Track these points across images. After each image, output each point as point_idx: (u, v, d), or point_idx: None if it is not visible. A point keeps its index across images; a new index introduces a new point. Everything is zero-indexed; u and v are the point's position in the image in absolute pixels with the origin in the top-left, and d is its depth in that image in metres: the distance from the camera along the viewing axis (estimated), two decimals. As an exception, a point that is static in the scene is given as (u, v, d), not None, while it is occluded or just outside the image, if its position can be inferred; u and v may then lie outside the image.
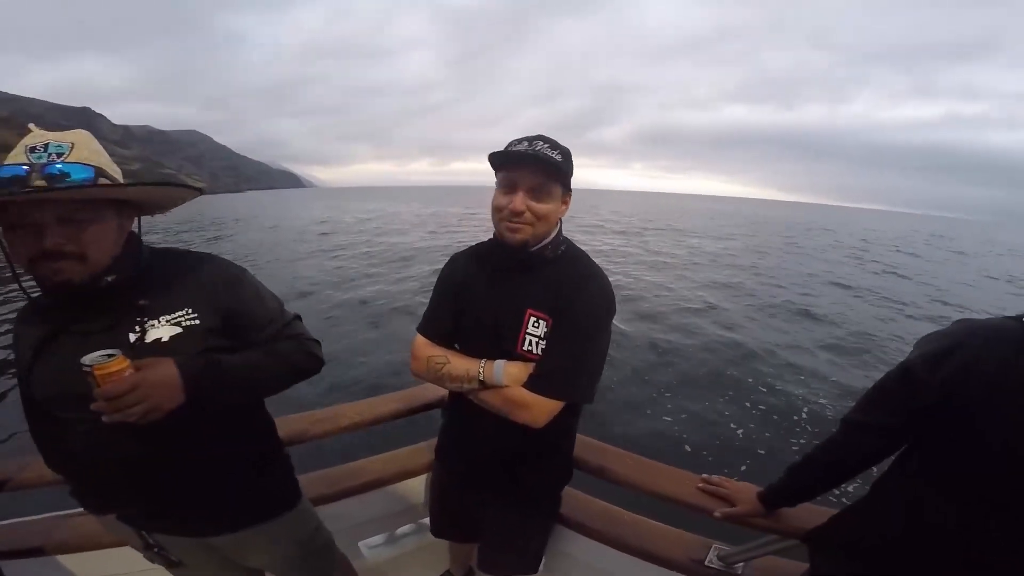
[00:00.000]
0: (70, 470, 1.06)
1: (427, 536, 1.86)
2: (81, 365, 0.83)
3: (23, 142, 0.85)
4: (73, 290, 0.90)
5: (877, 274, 15.82)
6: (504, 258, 1.16)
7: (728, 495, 1.30)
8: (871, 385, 1.01)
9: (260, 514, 1.18)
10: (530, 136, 1.10)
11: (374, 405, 1.76)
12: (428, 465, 1.84)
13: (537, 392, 1.08)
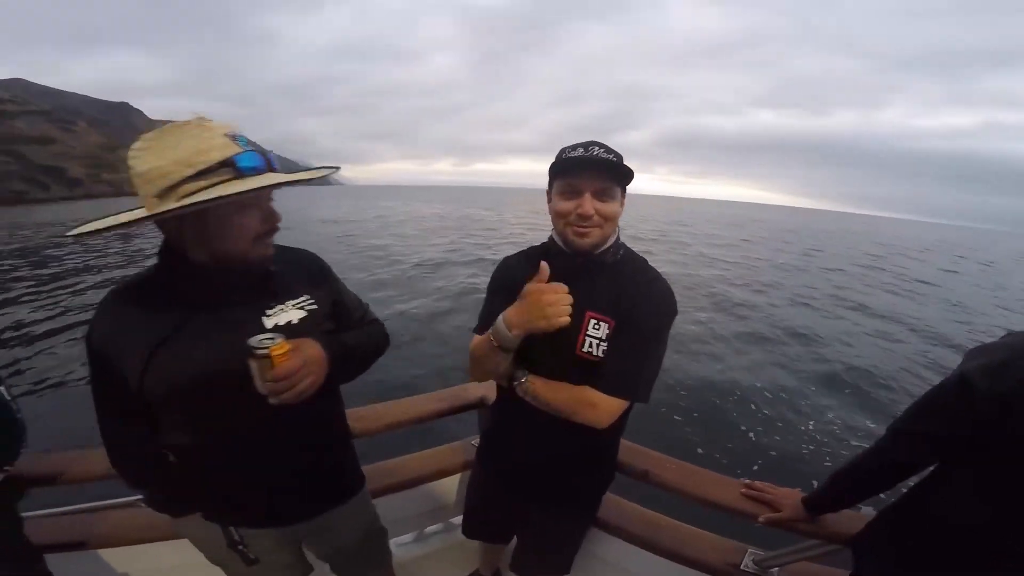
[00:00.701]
0: (165, 466, 1.05)
1: (456, 536, 1.91)
2: (252, 348, 0.87)
3: (224, 131, 0.87)
4: (251, 271, 0.98)
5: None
6: (565, 262, 1.16)
7: (772, 500, 1.32)
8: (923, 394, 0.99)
9: (338, 496, 1.23)
10: (584, 143, 1.12)
11: (417, 404, 1.79)
12: (462, 465, 1.88)
13: (606, 392, 1.09)
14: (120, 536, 1.54)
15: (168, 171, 0.81)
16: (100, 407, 1.00)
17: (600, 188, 1.09)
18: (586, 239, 1.12)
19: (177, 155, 0.82)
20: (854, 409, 6.10)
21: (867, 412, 6.09)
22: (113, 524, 1.57)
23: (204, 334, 0.94)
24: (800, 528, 1.26)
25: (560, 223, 1.16)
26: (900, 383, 7.39)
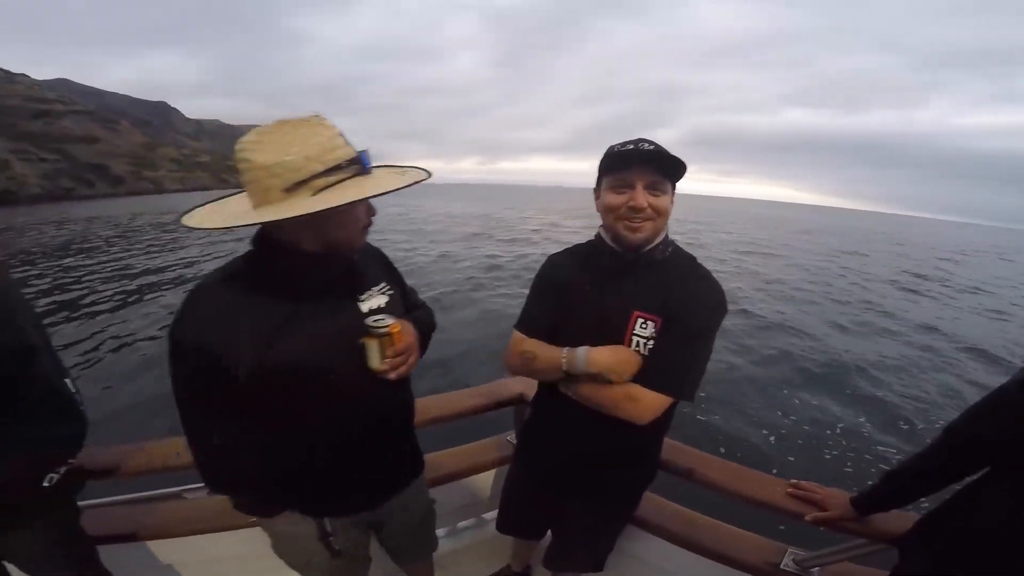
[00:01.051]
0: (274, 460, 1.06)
1: (487, 531, 2.00)
2: (374, 328, 0.97)
3: (334, 130, 0.91)
4: (349, 259, 1.04)
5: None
6: (613, 260, 1.18)
7: (820, 500, 1.33)
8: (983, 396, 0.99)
9: (410, 476, 1.29)
10: (633, 140, 1.12)
11: (456, 399, 1.83)
12: (497, 460, 1.92)
13: (650, 387, 1.09)
14: (169, 528, 1.57)
15: (299, 166, 0.84)
16: (192, 407, 1.00)
17: (652, 181, 1.10)
18: (638, 233, 1.12)
19: (306, 151, 0.84)
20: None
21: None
22: (162, 516, 1.60)
23: (315, 321, 0.98)
24: (847, 527, 1.28)
25: (610, 218, 1.17)
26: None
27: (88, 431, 1.19)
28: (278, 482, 1.10)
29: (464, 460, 1.88)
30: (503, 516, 1.67)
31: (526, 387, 1.85)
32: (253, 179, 0.86)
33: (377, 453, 1.17)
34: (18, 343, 1.02)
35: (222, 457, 1.05)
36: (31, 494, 1.11)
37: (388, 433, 1.18)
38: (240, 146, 0.86)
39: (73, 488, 1.28)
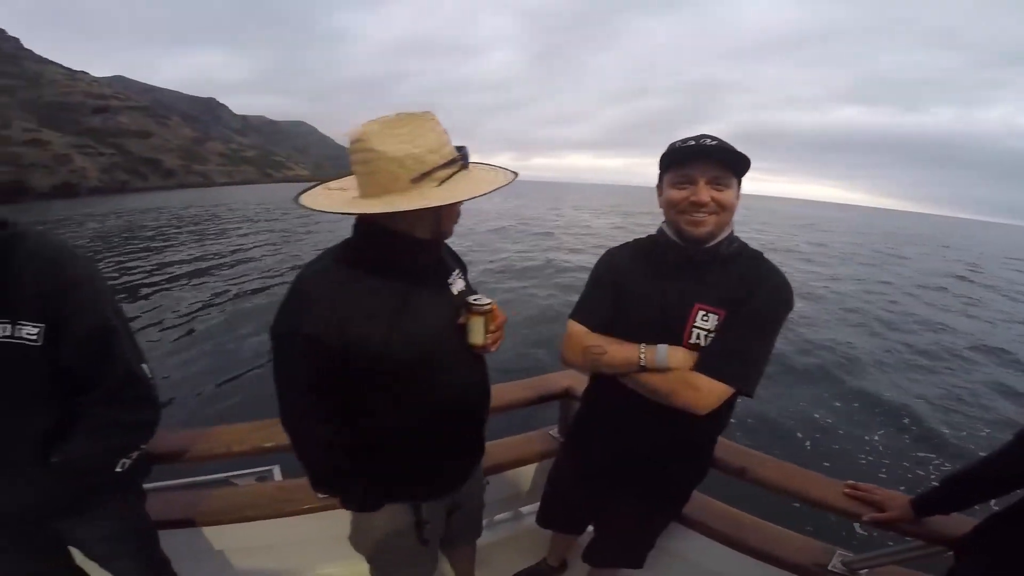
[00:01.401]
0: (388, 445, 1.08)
1: (523, 525, 2.01)
2: (479, 305, 1.05)
3: (442, 126, 0.96)
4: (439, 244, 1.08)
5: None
6: (676, 254, 1.18)
7: (878, 501, 1.32)
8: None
9: (483, 449, 1.31)
10: (695, 135, 1.12)
11: (504, 391, 1.80)
12: (540, 454, 1.90)
13: (710, 375, 1.09)
14: (224, 514, 1.57)
15: (424, 158, 0.89)
16: (306, 402, 1.00)
17: (715, 176, 1.09)
18: (701, 228, 1.12)
19: (427, 144, 0.90)
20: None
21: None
22: (217, 502, 1.60)
23: (427, 303, 1.03)
24: (906, 529, 1.27)
25: (672, 212, 1.16)
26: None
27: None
28: (382, 472, 1.12)
29: (510, 452, 1.87)
30: (545, 510, 1.67)
31: (573, 381, 1.84)
32: (379, 168, 0.89)
33: (469, 433, 1.21)
34: (103, 327, 1.04)
35: (332, 456, 1.06)
36: (105, 479, 1.13)
37: (478, 413, 1.21)
38: (362, 136, 0.89)
39: (141, 474, 1.29)
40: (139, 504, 1.30)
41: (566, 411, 1.93)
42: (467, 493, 1.31)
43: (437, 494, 1.20)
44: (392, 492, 1.14)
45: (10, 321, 0.94)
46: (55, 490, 1.05)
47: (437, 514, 1.23)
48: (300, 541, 1.65)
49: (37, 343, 0.96)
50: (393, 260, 1.00)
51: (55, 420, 1.04)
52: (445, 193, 0.91)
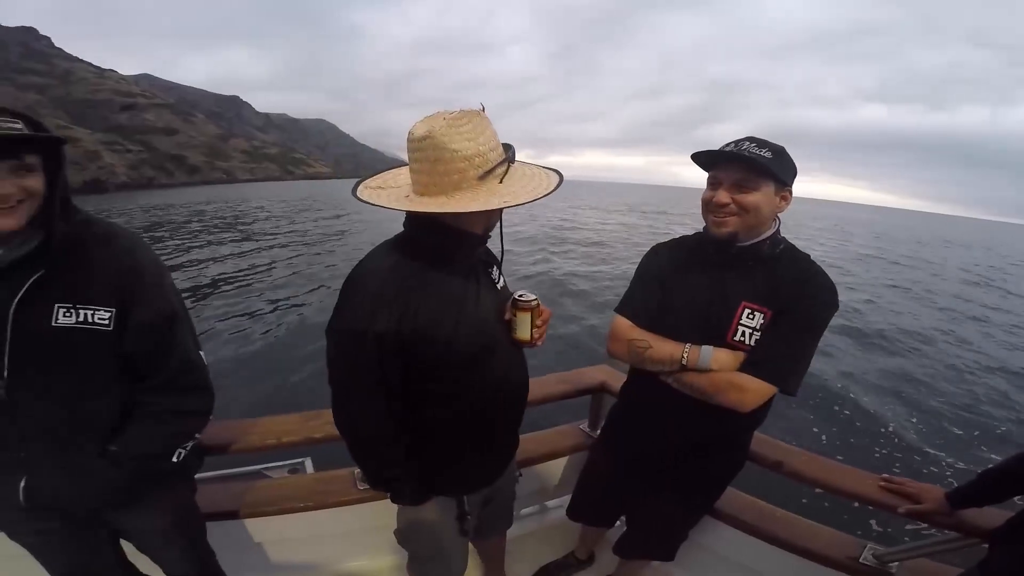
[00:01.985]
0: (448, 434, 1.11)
1: (550, 518, 2.03)
2: (526, 301, 1.07)
3: (491, 123, 0.98)
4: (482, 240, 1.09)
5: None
6: (720, 252, 1.21)
7: (913, 494, 1.36)
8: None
9: (517, 441, 1.32)
10: (739, 139, 1.15)
11: (542, 385, 1.81)
12: (570, 448, 1.91)
13: (757, 376, 1.11)
14: (267, 506, 1.57)
15: (487, 155, 0.92)
16: (365, 399, 1.00)
17: (738, 179, 1.13)
18: (722, 228, 1.16)
19: (488, 141, 0.93)
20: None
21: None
22: (260, 494, 1.60)
23: (483, 295, 1.07)
24: (940, 521, 1.30)
25: (703, 211, 1.22)
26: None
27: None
28: (431, 466, 1.13)
29: (539, 446, 1.87)
30: (577, 502, 1.69)
31: (607, 376, 1.87)
32: (451, 167, 0.90)
33: (509, 425, 1.23)
34: (168, 313, 1.05)
35: (389, 454, 1.07)
36: (162, 469, 1.12)
37: (519, 405, 1.23)
38: (430, 133, 0.89)
39: (195, 465, 1.28)
40: (191, 496, 1.30)
41: (598, 406, 1.94)
42: (501, 485, 1.32)
43: (478, 486, 1.22)
44: (437, 486, 1.16)
45: (84, 306, 0.96)
46: (113, 479, 1.04)
47: (475, 506, 1.25)
48: (336, 533, 1.67)
49: (108, 328, 0.98)
50: (452, 254, 1.02)
51: (118, 407, 1.05)
52: (513, 192, 0.93)
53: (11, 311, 0.90)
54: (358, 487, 1.59)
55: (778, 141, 1.13)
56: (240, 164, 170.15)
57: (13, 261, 0.91)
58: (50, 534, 1.11)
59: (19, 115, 0.87)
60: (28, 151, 0.86)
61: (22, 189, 0.86)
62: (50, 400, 0.98)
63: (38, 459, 1.00)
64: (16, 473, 1.01)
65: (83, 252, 0.97)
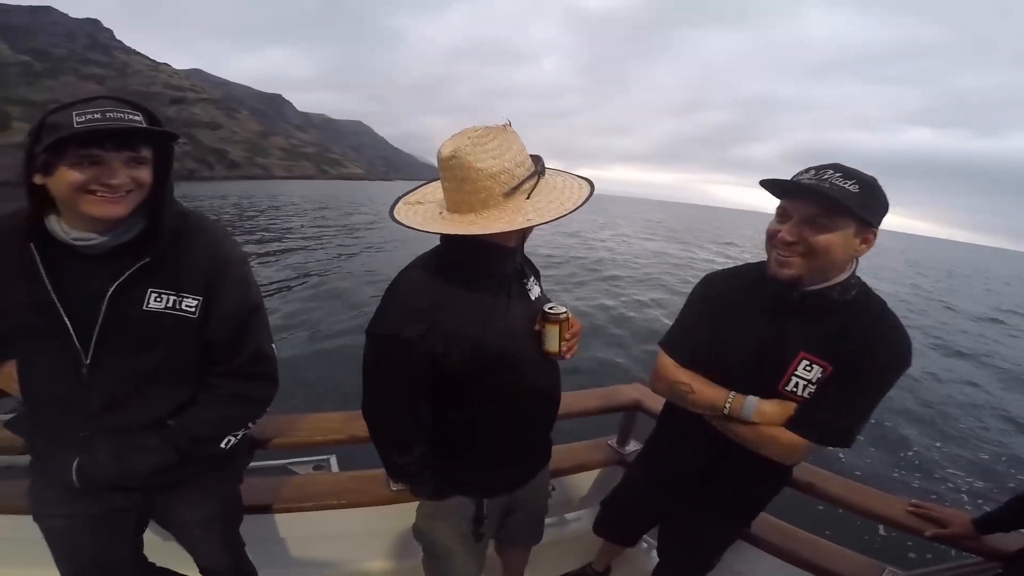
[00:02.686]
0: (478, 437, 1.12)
1: (568, 530, 2.03)
2: (555, 314, 1.05)
3: (519, 136, 0.97)
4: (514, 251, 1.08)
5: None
6: (784, 293, 1.08)
7: (941, 518, 1.35)
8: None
9: (548, 455, 1.32)
10: (821, 165, 1.01)
11: (578, 399, 1.82)
12: (599, 462, 1.93)
13: (807, 437, 1.03)
14: (305, 501, 1.58)
15: (513, 172, 0.92)
16: (394, 399, 1.04)
17: (811, 215, 0.98)
18: (785, 269, 1.02)
19: (514, 157, 0.92)
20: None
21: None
22: (298, 489, 1.61)
23: (514, 306, 1.07)
24: (966, 545, 1.32)
25: (767, 245, 1.08)
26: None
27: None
28: (453, 465, 1.15)
29: (573, 458, 1.88)
30: (605, 519, 1.66)
31: (642, 395, 1.86)
32: (477, 187, 0.91)
33: (535, 435, 1.22)
34: (249, 304, 1.07)
35: (413, 451, 1.09)
36: (210, 454, 1.12)
37: (547, 416, 1.22)
38: (456, 153, 0.90)
39: (244, 457, 1.31)
40: (236, 488, 1.31)
41: (629, 423, 1.92)
42: (528, 497, 1.30)
43: (497, 491, 1.22)
44: (458, 484, 1.17)
45: (175, 292, 0.98)
46: (166, 455, 1.05)
47: (494, 512, 1.24)
48: (366, 532, 1.68)
49: (194, 315, 1.00)
50: (484, 266, 1.03)
51: (190, 394, 1.07)
52: (539, 209, 0.93)
53: (108, 294, 0.93)
54: (392, 488, 1.59)
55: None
56: (278, 161, 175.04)
57: (116, 247, 0.94)
58: (77, 518, 1.10)
59: (140, 107, 0.89)
60: (144, 144, 0.89)
61: (133, 180, 0.88)
62: (127, 382, 1.00)
63: (100, 438, 1.01)
64: (72, 453, 1.01)
65: (179, 241, 1.00)
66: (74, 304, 0.93)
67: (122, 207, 0.88)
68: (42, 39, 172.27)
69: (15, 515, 1.34)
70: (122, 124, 0.84)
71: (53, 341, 0.94)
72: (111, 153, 0.85)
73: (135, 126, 0.85)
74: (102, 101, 0.86)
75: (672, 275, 15.30)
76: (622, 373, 6.64)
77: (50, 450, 1.06)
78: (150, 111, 0.89)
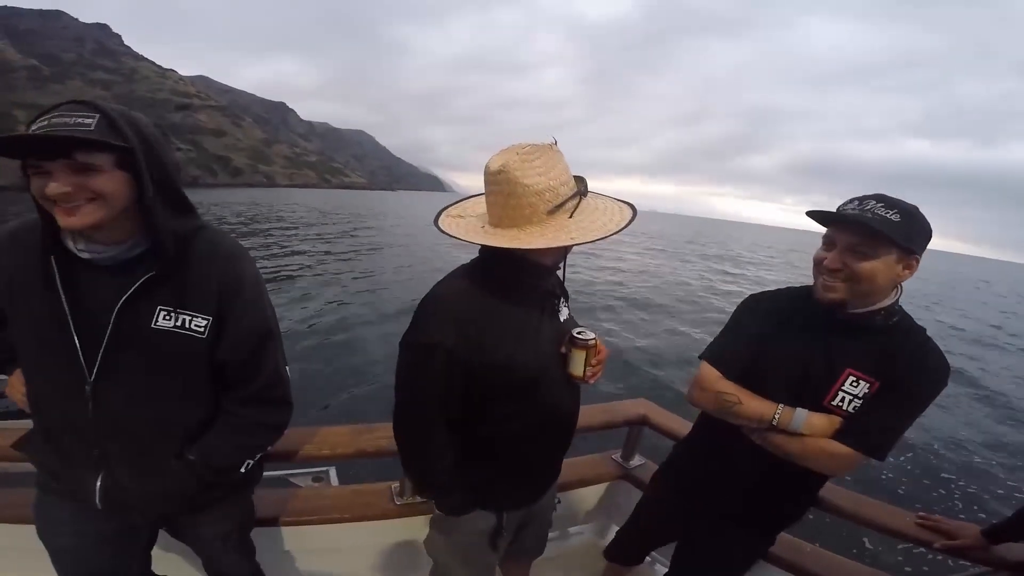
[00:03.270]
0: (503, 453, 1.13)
1: (570, 544, 2.06)
2: (583, 339, 1.05)
3: (563, 155, 1.00)
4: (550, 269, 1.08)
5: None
6: (829, 315, 1.15)
7: (950, 530, 1.37)
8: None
9: (559, 469, 1.31)
10: (866, 195, 1.08)
11: (586, 414, 1.78)
12: (603, 476, 1.94)
13: (859, 449, 1.07)
14: (308, 515, 1.58)
15: (558, 190, 0.94)
16: (427, 409, 1.05)
17: (854, 243, 1.05)
18: (829, 293, 1.10)
19: (559, 176, 0.95)
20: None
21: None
22: (301, 502, 1.61)
23: (545, 326, 1.08)
24: (976, 556, 1.34)
25: (814, 271, 1.16)
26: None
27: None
28: (479, 479, 1.15)
29: (572, 473, 1.87)
30: (620, 543, 1.65)
31: (648, 410, 1.88)
32: (522, 202, 0.94)
33: (555, 452, 1.23)
34: (263, 327, 1.05)
35: (442, 464, 1.10)
36: (231, 479, 1.13)
37: (566, 435, 1.23)
38: (504, 168, 0.92)
39: (259, 474, 1.29)
40: (251, 505, 1.32)
41: (635, 438, 1.94)
42: (539, 511, 1.32)
43: (518, 505, 1.23)
44: (481, 499, 1.18)
45: (185, 311, 0.95)
46: (187, 484, 1.04)
47: (511, 525, 1.24)
48: (370, 546, 1.66)
49: (203, 336, 0.97)
50: (521, 283, 1.05)
51: (203, 414, 1.05)
52: (581, 229, 0.95)
53: (116, 309, 0.90)
54: (395, 502, 1.58)
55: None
56: (281, 169, 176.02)
57: (128, 261, 0.92)
58: (87, 536, 1.09)
59: (100, 110, 0.82)
60: (85, 151, 0.81)
61: (85, 189, 0.81)
62: (135, 401, 0.97)
63: (115, 459, 1.00)
64: (90, 473, 1.00)
65: (192, 257, 0.97)
66: (84, 318, 0.91)
67: (78, 218, 0.83)
68: (51, 43, 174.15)
69: (10, 524, 1.34)
70: (46, 132, 0.78)
71: (60, 356, 0.92)
72: (49, 162, 0.80)
73: (45, 134, 0.78)
74: (66, 106, 0.82)
75: (668, 294, 15.31)
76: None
77: (67, 470, 1.04)
78: (110, 115, 0.83)
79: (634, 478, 1.90)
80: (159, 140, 0.92)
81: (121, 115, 0.85)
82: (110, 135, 0.82)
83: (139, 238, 0.92)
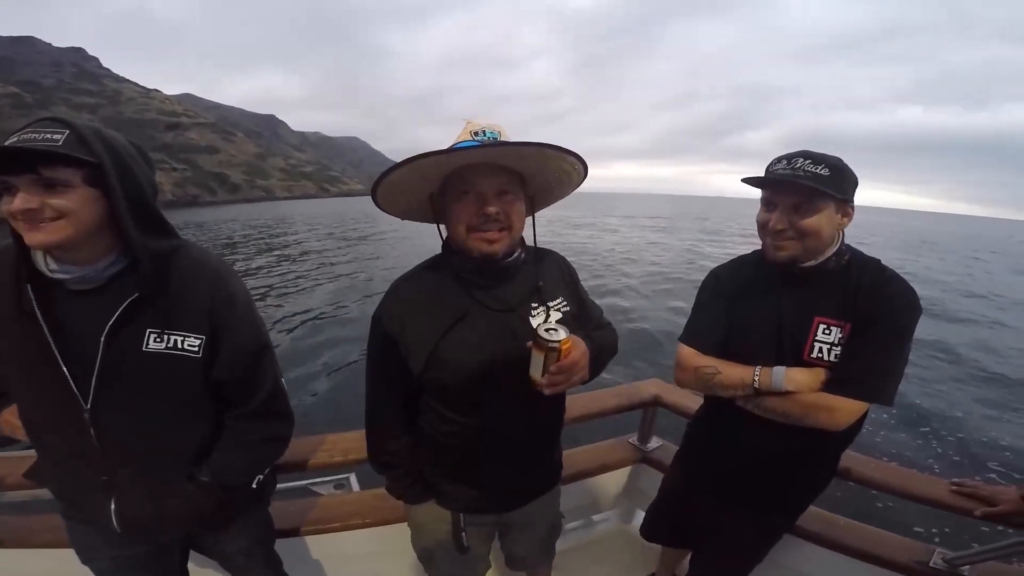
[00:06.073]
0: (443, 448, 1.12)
1: (596, 531, 2.06)
2: (544, 339, 0.89)
3: (467, 129, 0.98)
4: (497, 262, 1.01)
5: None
6: (784, 271, 1.17)
7: (988, 496, 1.32)
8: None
9: (547, 486, 1.28)
10: (791, 153, 1.10)
11: (598, 399, 1.82)
12: (622, 461, 1.92)
13: (845, 395, 1.07)
14: (328, 522, 1.58)
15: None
16: (374, 379, 1.10)
17: (795, 203, 1.08)
18: (781, 252, 1.13)
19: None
20: None
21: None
22: (322, 510, 1.62)
23: (488, 322, 1.02)
24: (1019, 522, 1.26)
25: (760, 233, 1.17)
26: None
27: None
28: (427, 470, 1.17)
29: (595, 459, 1.87)
30: (652, 523, 1.64)
31: (660, 390, 1.87)
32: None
33: (521, 459, 1.17)
34: (257, 343, 1.06)
35: (389, 434, 1.13)
36: (245, 495, 1.14)
37: (534, 442, 1.18)
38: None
39: (272, 486, 1.30)
40: (268, 516, 1.33)
41: (650, 420, 1.93)
42: (525, 521, 1.28)
43: (477, 510, 1.20)
44: (434, 493, 1.18)
45: (175, 331, 0.94)
46: (201, 504, 1.04)
47: (480, 527, 1.23)
48: (395, 550, 1.64)
49: (197, 355, 0.96)
50: (457, 272, 1.04)
51: (206, 432, 1.05)
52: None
53: (104, 334, 0.89)
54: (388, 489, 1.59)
55: (810, 146, 1.04)
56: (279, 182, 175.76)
57: (106, 283, 0.91)
58: (122, 560, 1.10)
59: (70, 126, 0.82)
60: (51, 166, 0.79)
61: (50, 207, 0.80)
62: (136, 424, 0.96)
63: (126, 483, 0.99)
64: (106, 497, 1.00)
65: (176, 277, 0.96)
66: (70, 346, 0.89)
67: (43, 235, 0.81)
68: (28, 70, 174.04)
69: (55, 548, 1.36)
70: (11, 145, 0.76)
71: (51, 387, 0.90)
72: (15, 177, 0.79)
73: (6, 146, 0.76)
74: (38, 123, 0.81)
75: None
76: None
77: (81, 497, 1.03)
78: (80, 131, 0.81)
79: (653, 460, 1.89)
80: (134, 157, 0.90)
81: (93, 132, 0.84)
82: (79, 150, 0.81)
83: (115, 257, 0.91)
